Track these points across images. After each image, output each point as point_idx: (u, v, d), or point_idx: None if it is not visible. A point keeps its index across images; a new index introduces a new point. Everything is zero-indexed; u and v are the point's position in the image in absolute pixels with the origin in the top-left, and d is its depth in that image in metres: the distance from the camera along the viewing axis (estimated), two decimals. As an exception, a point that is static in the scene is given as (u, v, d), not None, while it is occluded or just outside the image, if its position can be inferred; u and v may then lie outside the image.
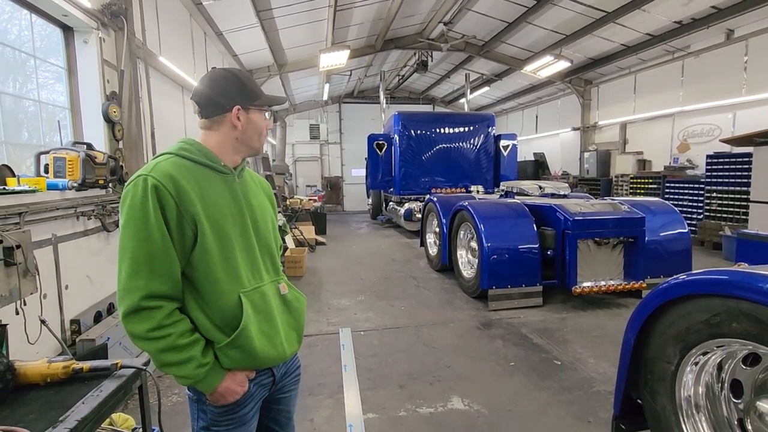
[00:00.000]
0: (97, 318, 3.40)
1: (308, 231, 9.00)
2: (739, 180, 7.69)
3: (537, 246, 4.81)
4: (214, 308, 1.23)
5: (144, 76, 4.77)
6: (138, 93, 4.57)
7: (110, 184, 3.70)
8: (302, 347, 3.81)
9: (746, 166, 7.48)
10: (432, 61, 12.60)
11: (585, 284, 4.70)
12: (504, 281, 4.79)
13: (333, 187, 17.54)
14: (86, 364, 1.50)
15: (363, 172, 15.08)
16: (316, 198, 12.95)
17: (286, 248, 1.72)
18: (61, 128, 3.73)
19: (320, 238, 9.37)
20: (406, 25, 10.76)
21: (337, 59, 9.21)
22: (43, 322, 2.23)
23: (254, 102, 1.34)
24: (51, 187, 3.05)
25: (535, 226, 4.92)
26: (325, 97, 15.06)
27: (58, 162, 3.18)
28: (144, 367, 1.52)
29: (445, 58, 13.07)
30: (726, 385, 1.84)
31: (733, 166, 7.85)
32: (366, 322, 4.50)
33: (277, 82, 11.96)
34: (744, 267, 1.76)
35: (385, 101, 13.32)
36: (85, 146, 3.45)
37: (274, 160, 15.34)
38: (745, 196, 7.48)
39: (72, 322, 3.18)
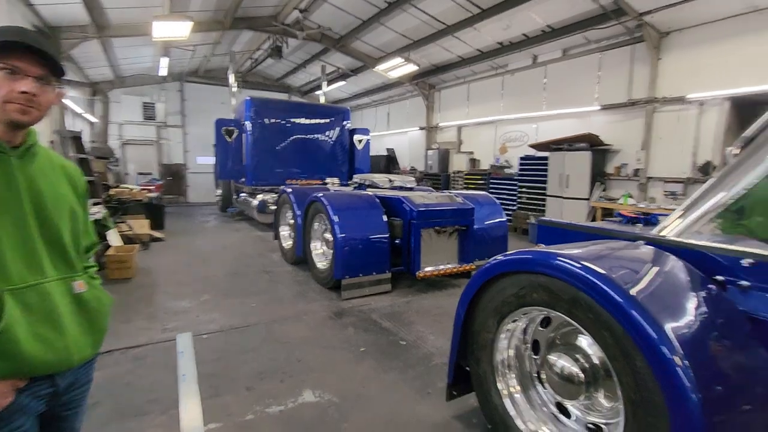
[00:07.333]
0: None
1: (140, 225, 7.77)
2: (541, 178, 9.54)
3: (386, 235, 5.08)
4: None
5: None
6: None
7: None
8: (126, 362, 3.27)
9: (546, 167, 9.33)
10: (287, 48, 12.17)
11: (427, 269, 5.17)
12: (356, 270, 4.94)
13: (174, 176, 15.56)
14: None
15: (210, 159, 13.71)
16: (152, 187, 11.26)
17: (95, 245, 1.41)
18: None
19: (156, 234, 8.18)
20: (259, 5, 10.12)
21: (177, 30, 8.07)
22: None
23: None
24: None
25: (385, 216, 5.18)
26: (164, 73, 13.13)
27: None
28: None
29: (301, 46, 12.77)
30: (529, 345, 2.21)
31: (537, 167, 9.69)
32: (210, 324, 4.09)
33: (96, 47, 9.95)
34: (542, 248, 2.14)
35: (236, 85, 12.31)
36: None
37: (93, 141, 12.82)
38: (544, 191, 9.33)
39: None
